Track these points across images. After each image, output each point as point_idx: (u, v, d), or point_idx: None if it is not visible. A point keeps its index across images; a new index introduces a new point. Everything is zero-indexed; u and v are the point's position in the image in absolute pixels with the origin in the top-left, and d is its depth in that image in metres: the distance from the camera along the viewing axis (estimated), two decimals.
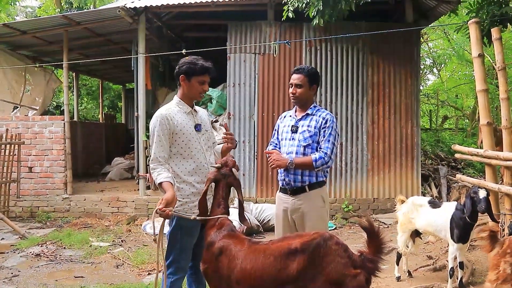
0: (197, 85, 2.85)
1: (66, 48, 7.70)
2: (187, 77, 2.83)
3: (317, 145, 3.07)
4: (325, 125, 3.07)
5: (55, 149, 7.45)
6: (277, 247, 2.20)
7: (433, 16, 7.97)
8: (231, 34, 7.57)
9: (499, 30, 4.66)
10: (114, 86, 16.53)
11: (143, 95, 7.46)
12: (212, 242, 2.43)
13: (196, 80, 2.83)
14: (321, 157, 2.99)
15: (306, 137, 3.08)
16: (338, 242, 2.10)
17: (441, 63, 17.63)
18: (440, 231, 4.11)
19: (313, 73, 3.16)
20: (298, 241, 2.14)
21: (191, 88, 2.86)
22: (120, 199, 7.41)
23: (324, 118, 3.09)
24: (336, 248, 2.07)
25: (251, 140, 7.49)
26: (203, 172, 2.86)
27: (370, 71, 7.54)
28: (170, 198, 2.53)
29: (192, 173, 2.83)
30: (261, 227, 6.44)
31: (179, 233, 2.77)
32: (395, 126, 7.51)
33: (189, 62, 2.83)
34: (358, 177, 7.48)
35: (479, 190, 3.75)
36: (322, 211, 3.09)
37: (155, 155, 2.74)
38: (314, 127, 3.08)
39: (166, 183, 2.63)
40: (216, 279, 2.36)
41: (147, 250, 5.49)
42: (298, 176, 3.06)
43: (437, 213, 4.12)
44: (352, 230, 6.67)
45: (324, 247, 2.07)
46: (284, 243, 2.20)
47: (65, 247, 5.69)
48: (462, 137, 13.41)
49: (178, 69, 2.85)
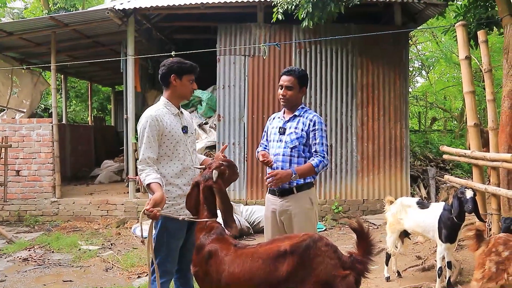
0: (188, 84, 2.88)
1: (54, 50, 7.63)
2: (178, 76, 2.84)
3: (304, 147, 3.09)
4: (314, 128, 3.08)
5: (43, 152, 7.38)
6: (266, 250, 2.20)
7: (421, 18, 8.08)
8: (221, 36, 7.58)
9: (485, 32, 4.73)
10: (103, 88, 16.42)
11: (132, 97, 7.43)
12: (201, 245, 2.42)
13: (187, 78, 2.87)
14: (321, 161, 3.03)
15: (292, 138, 3.09)
16: (328, 243, 2.11)
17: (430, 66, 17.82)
18: (428, 232, 4.16)
19: (303, 75, 3.17)
20: (288, 243, 2.14)
21: (183, 87, 2.88)
22: (110, 202, 7.36)
23: (312, 120, 3.10)
24: (325, 249, 2.08)
25: (241, 142, 7.50)
26: (189, 174, 2.86)
27: (360, 73, 7.60)
28: (159, 198, 2.51)
29: (179, 175, 2.83)
30: (251, 229, 6.44)
31: (165, 235, 2.76)
32: (384, 127, 7.58)
33: (178, 62, 2.85)
34: (347, 178, 7.52)
35: (466, 191, 3.80)
36: (310, 212, 3.10)
37: (144, 156, 2.73)
38: (302, 129, 3.09)
39: (155, 184, 2.62)
40: (206, 282, 2.36)
41: (137, 253, 5.46)
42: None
43: (425, 213, 4.17)
44: (342, 231, 6.71)
45: (314, 248, 2.08)
46: (273, 246, 2.20)
47: (54, 251, 5.64)
48: (451, 139, 13.56)
49: (167, 69, 2.84)
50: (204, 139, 7.93)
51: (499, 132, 4.81)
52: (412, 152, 9.95)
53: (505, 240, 2.77)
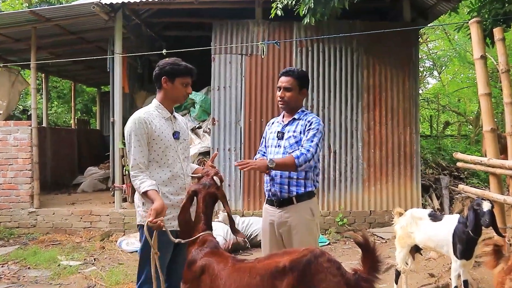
0: (181, 87, 2.88)
1: (34, 47, 7.61)
2: (170, 78, 2.84)
3: None
4: (310, 127, 3.06)
5: (20, 158, 7.33)
6: (264, 265, 2.18)
7: (432, 15, 8.09)
8: (216, 34, 7.58)
9: (502, 30, 4.73)
10: (88, 89, 16.41)
11: (119, 98, 7.41)
12: (193, 261, 2.41)
13: (180, 81, 2.86)
14: (302, 154, 2.96)
15: (292, 143, 3.08)
16: (330, 259, 2.09)
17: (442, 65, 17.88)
18: (441, 247, 4.12)
19: (303, 76, 3.17)
20: (287, 258, 2.12)
21: (174, 90, 2.87)
22: (94, 213, 7.31)
23: (310, 121, 3.09)
24: (328, 265, 2.06)
25: (237, 148, 7.47)
26: (179, 183, 2.85)
27: (366, 73, 7.60)
28: (159, 207, 2.54)
29: (167, 183, 2.82)
30: (248, 242, 6.40)
31: (151, 249, 2.73)
32: (393, 132, 7.56)
33: (172, 63, 2.85)
34: (353, 188, 7.50)
35: (482, 202, 3.76)
36: (311, 224, 3.08)
37: (136, 161, 2.73)
38: (300, 132, 3.09)
39: (152, 191, 2.64)
40: None
41: (123, 269, 5.41)
42: (284, 186, 3.05)
43: (438, 226, 4.13)
44: (347, 246, 6.67)
45: (315, 264, 2.05)
46: (272, 261, 2.18)
47: (30, 267, 5.58)
48: (465, 145, 13.57)
49: (160, 70, 2.86)
50: (197, 145, 7.90)
51: None
52: (423, 159, 9.93)
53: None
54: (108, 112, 11.56)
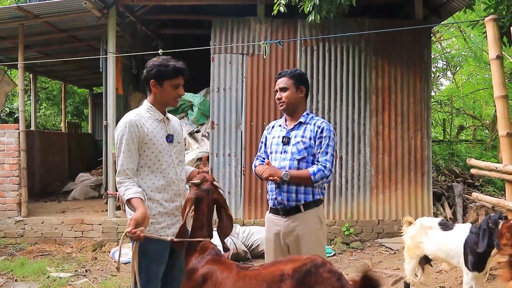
0: (171, 90, 2.86)
1: (22, 45, 7.67)
2: (158, 81, 2.83)
3: (313, 158, 3.12)
4: (322, 135, 3.12)
5: (7, 163, 7.38)
6: (269, 272, 2.23)
7: (446, 12, 8.14)
8: (216, 32, 7.64)
9: None
10: (79, 90, 16.50)
11: (113, 100, 7.46)
12: (194, 269, 2.44)
13: (169, 84, 2.84)
14: (320, 170, 3.04)
15: (300, 149, 3.12)
16: (331, 270, 2.13)
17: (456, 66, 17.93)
18: (452, 257, 4.15)
19: (297, 74, 3.23)
20: (290, 266, 2.17)
21: (164, 94, 2.87)
22: (85, 222, 7.35)
23: (320, 127, 3.14)
24: (328, 276, 2.10)
25: (237, 153, 7.52)
26: (173, 189, 2.85)
27: (374, 74, 7.65)
28: (140, 217, 2.51)
29: (160, 189, 2.82)
30: (248, 253, 6.43)
31: (144, 260, 2.73)
32: (403, 137, 7.61)
33: (159, 65, 2.82)
34: (360, 195, 7.53)
35: (500, 222, 3.72)
36: (320, 233, 3.13)
37: (123, 167, 2.73)
38: (309, 138, 3.13)
39: (136, 199, 2.62)
40: None
41: (116, 281, 5.45)
42: (292, 194, 3.10)
43: (449, 236, 4.17)
44: (354, 257, 6.70)
45: (315, 275, 2.10)
46: (276, 269, 2.23)
47: (17, 279, 5.61)
48: (481, 150, 13.60)
49: (147, 73, 2.85)
50: (195, 150, 7.95)
51: None
52: (435, 165, 9.97)
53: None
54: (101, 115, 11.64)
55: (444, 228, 4.27)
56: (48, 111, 16.50)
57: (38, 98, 14.48)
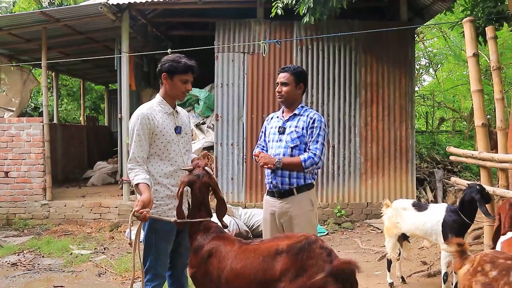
0: (180, 84, 2.87)
1: (45, 46, 7.66)
2: (169, 75, 2.85)
3: (305, 146, 3.13)
4: (313, 125, 3.12)
5: (33, 153, 7.41)
6: (267, 247, 2.27)
7: (428, 14, 8.11)
8: (219, 33, 7.61)
9: (493, 28, 4.75)
10: (96, 87, 16.47)
11: (127, 96, 7.46)
12: (200, 246, 2.46)
13: (179, 78, 2.85)
14: (310, 157, 3.05)
15: (293, 138, 3.13)
16: (323, 246, 2.16)
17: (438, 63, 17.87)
18: (430, 235, 4.19)
19: (299, 72, 3.23)
20: (286, 242, 2.21)
21: (173, 87, 2.88)
22: (103, 205, 7.39)
23: (312, 118, 3.15)
24: (319, 251, 2.13)
25: (239, 143, 7.53)
26: (179, 176, 2.86)
27: (363, 71, 7.63)
28: (146, 199, 2.56)
29: (168, 175, 2.85)
30: (250, 232, 6.47)
31: (153, 238, 2.79)
32: (389, 128, 7.61)
33: (172, 60, 2.85)
34: (351, 181, 7.55)
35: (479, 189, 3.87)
36: (311, 214, 3.15)
37: (134, 155, 2.77)
38: (302, 128, 3.14)
39: (143, 184, 2.66)
40: (205, 283, 2.41)
41: (131, 258, 5.45)
42: (285, 178, 3.11)
43: (425, 216, 4.22)
44: (345, 236, 6.74)
45: (308, 250, 2.13)
46: (274, 244, 2.27)
47: (44, 256, 5.67)
48: (459, 140, 13.59)
49: (160, 66, 2.87)
50: (201, 140, 7.96)
51: (509, 132, 4.84)
52: (418, 153, 9.97)
53: (492, 257, 2.47)
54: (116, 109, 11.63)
55: (419, 208, 4.31)
56: (69, 106, 16.50)
57: (60, 94, 14.46)
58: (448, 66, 17.72)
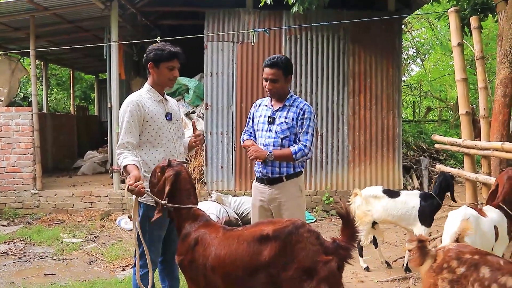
0: (167, 71, 2.87)
1: (33, 35, 7.55)
2: (155, 64, 2.85)
3: (295, 136, 3.13)
4: (303, 116, 3.12)
5: (22, 142, 7.33)
6: (251, 232, 2.26)
7: (415, 4, 8.13)
8: (208, 22, 7.56)
9: (478, 19, 4.81)
10: (86, 76, 16.29)
11: (116, 85, 7.40)
12: (187, 234, 2.47)
13: (165, 66, 2.86)
14: (300, 149, 3.06)
15: (284, 129, 3.13)
16: (310, 230, 2.18)
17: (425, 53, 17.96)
18: (402, 220, 4.35)
19: (286, 64, 3.12)
20: (271, 228, 2.20)
21: (160, 75, 2.88)
22: (93, 194, 7.37)
23: (302, 109, 3.14)
24: (307, 235, 2.14)
25: (229, 132, 7.53)
26: None
27: (352, 60, 7.64)
28: (138, 175, 2.56)
29: (161, 161, 2.84)
30: (239, 220, 6.51)
31: (147, 224, 2.79)
32: (377, 117, 7.65)
33: (156, 49, 2.85)
34: (339, 168, 7.61)
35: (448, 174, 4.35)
36: (300, 200, 3.18)
37: (122, 141, 2.77)
38: (292, 119, 3.13)
39: (132, 165, 2.65)
40: (192, 270, 2.41)
41: (122, 246, 5.50)
42: (276, 168, 3.13)
43: (399, 202, 4.33)
44: (333, 223, 6.81)
45: (296, 234, 2.13)
46: (257, 229, 2.27)
47: (35, 244, 5.65)
48: (445, 129, 13.73)
49: (146, 57, 2.88)
50: (191, 129, 7.93)
51: (492, 120, 4.92)
52: (405, 142, 10.07)
53: (458, 253, 2.32)
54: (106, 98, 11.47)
55: (391, 195, 4.38)
56: (59, 95, 16.34)
57: (49, 84, 14.29)
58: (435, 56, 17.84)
